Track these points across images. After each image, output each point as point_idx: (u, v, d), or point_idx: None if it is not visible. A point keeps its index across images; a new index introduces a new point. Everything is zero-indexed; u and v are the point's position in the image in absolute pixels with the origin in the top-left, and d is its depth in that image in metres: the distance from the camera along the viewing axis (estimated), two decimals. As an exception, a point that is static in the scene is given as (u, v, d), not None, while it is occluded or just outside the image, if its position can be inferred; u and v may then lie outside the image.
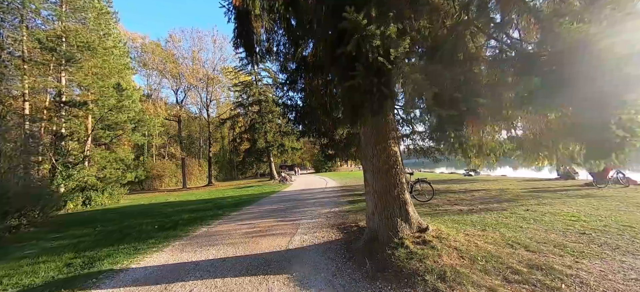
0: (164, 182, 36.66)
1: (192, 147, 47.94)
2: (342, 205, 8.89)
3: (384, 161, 4.25)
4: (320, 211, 8.18)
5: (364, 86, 2.39)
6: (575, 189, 9.74)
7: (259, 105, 32.00)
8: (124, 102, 16.14)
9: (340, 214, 7.28)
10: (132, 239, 6.33)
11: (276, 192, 16.01)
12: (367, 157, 4.44)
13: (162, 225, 7.91)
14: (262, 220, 7.37)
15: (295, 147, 32.95)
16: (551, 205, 6.69)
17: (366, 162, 4.47)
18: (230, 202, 12.43)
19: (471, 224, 5.10)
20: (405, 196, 4.19)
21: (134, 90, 19.84)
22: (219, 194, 18.21)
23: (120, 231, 7.62)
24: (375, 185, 4.23)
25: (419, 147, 13.19)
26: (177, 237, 6.14)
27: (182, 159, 32.89)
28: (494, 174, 23.97)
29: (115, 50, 18.00)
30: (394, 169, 4.24)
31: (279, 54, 6.31)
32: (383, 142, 4.32)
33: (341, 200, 10.06)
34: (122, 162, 17.69)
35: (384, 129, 4.38)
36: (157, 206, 14.06)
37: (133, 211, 12.38)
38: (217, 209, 10.29)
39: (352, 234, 5.04)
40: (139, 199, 19.64)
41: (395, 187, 4.17)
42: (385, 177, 4.19)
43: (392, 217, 4.03)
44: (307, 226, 6.22)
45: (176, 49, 32.86)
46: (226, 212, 9.38)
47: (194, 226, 7.23)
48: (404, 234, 3.92)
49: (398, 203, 4.11)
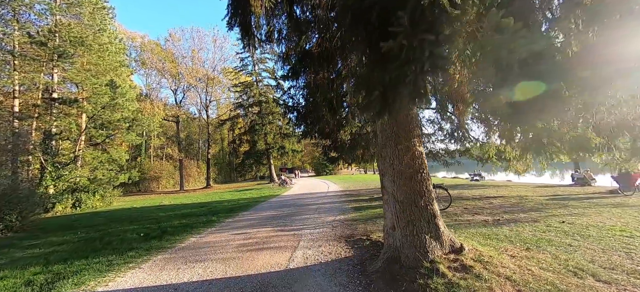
0: (161, 184, 35.89)
1: (191, 148, 47.21)
2: (348, 212, 8.10)
3: (408, 163, 3.48)
4: (324, 218, 7.39)
5: (406, 53, 1.65)
6: (600, 197, 8.94)
7: (259, 106, 31.29)
8: (117, 100, 15.41)
9: (347, 224, 6.49)
10: (111, 251, 5.54)
11: (276, 196, 15.21)
12: (385, 159, 3.67)
13: (148, 233, 7.12)
14: (260, 229, 6.58)
15: (296, 150, 32.17)
16: (586, 216, 5.90)
17: (384, 165, 3.69)
18: (227, 206, 11.63)
19: (507, 239, 4.30)
20: (434, 207, 3.41)
21: (129, 89, 19.14)
22: (215, 197, 17.42)
23: (101, 239, 6.83)
24: (397, 193, 3.45)
25: (428, 149, 12.46)
26: (161, 249, 5.35)
27: (180, 161, 32.12)
28: (498, 179, 23.18)
29: (111, 46, 17.32)
30: (419, 174, 3.46)
31: (281, 41, 5.56)
32: (406, 141, 3.55)
33: (346, 206, 9.27)
34: (115, 162, 16.92)
35: (406, 125, 3.61)
36: (149, 209, 13.28)
37: (122, 215, 11.59)
38: (211, 214, 9.49)
39: (364, 251, 4.25)
40: (133, 202, 18.85)
41: (422, 196, 3.39)
42: (409, 184, 3.41)
43: (419, 234, 3.24)
44: (310, 237, 5.42)
45: (176, 47, 32.29)
46: (220, 218, 8.58)
47: (182, 235, 6.44)
48: (435, 256, 3.13)
49: (426, 216, 3.32)
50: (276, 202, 12.15)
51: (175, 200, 18.10)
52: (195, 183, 40.51)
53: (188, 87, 33.65)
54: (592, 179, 13.61)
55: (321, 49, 5.91)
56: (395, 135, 3.58)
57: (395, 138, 3.57)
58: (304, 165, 55.69)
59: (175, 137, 35.74)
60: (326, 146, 13.18)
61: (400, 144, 3.55)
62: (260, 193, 17.66)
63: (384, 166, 3.72)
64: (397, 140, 3.56)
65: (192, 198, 18.76)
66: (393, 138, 3.59)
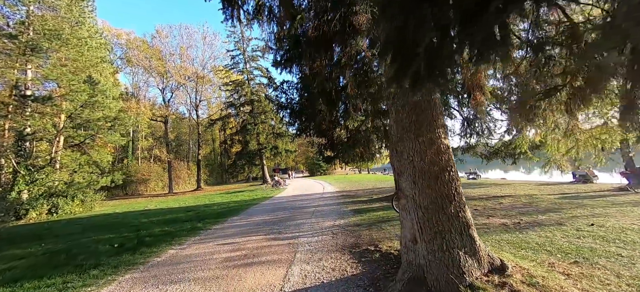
0: (149, 187, 34.53)
1: (181, 149, 45.84)
2: (348, 216, 7.39)
3: (433, 160, 2.79)
4: (322, 223, 6.66)
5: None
6: (612, 194, 8.49)
7: (251, 105, 30.34)
8: (97, 97, 14.33)
9: (349, 230, 5.77)
10: (73, 268, 4.70)
11: (269, 198, 14.41)
12: (402, 155, 2.97)
13: (123, 244, 6.27)
14: (250, 237, 5.81)
15: (289, 150, 31.36)
16: (612, 217, 5.35)
17: (401, 163, 2.98)
18: (215, 211, 10.79)
19: (542, 249, 3.66)
20: (467, 215, 2.72)
21: (112, 86, 18.03)
22: (205, 200, 16.49)
23: (67, 252, 5.96)
24: (419, 197, 2.75)
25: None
26: (132, 265, 4.53)
27: (169, 162, 30.90)
28: (493, 177, 22.87)
29: (91, 41, 16.19)
30: (447, 173, 2.77)
31: (272, 20, 4.81)
32: (429, 132, 2.86)
33: (345, 209, 8.56)
34: (96, 165, 15.82)
35: (429, 112, 2.92)
36: (131, 215, 12.31)
37: (101, 222, 10.63)
38: (197, 220, 8.66)
39: (375, 266, 3.54)
40: (117, 206, 17.74)
41: (451, 201, 2.69)
42: (434, 185, 2.72)
43: (451, 249, 2.55)
44: (308, 247, 4.69)
45: (163, 45, 31.05)
46: (207, 224, 7.76)
47: (161, 246, 5.62)
48: (474, 278, 2.44)
49: (457, 225, 2.63)
50: (269, 205, 11.37)
51: (162, 204, 17.09)
52: (185, 185, 39.20)
53: (177, 86, 32.43)
54: (594, 176, 13.29)
55: (318, 33, 5.18)
56: (415, 126, 2.88)
57: (416, 129, 2.88)
58: (297, 165, 54.89)
59: (163, 138, 34.44)
60: (322, 145, 12.46)
61: (421, 136, 2.85)
62: (252, 195, 16.81)
63: (400, 163, 3.01)
64: (418, 131, 2.87)
65: (180, 201, 17.78)
66: (413, 129, 2.89)
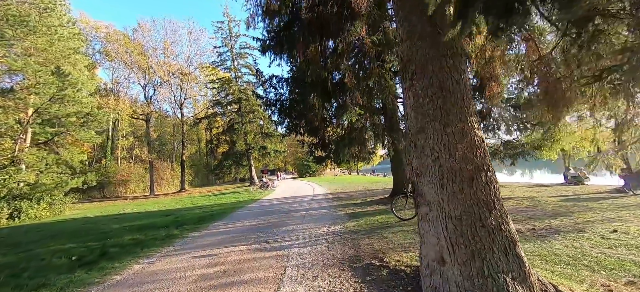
0: (129, 188, 32.81)
1: (164, 149, 44.05)
2: (342, 221, 6.74)
3: (465, 156, 2.17)
4: (315, 230, 5.98)
5: None
6: (612, 196, 8.25)
7: (238, 104, 29.29)
8: (67, 91, 13.10)
9: (346, 238, 5.12)
10: (11, 289, 3.82)
11: (256, 200, 13.59)
12: (424, 151, 2.33)
13: (82, 256, 5.39)
14: (233, 247, 5.05)
15: (278, 150, 30.48)
16: (629, 221, 4.94)
17: (422, 160, 2.35)
18: (197, 215, 9.90)
19: (579, 264, 3.11)
20: (511, 228, 2.11)
21: (86, 80, 16.69)
22: (187, 203, 15.48)
23: (14, 266, 5.04)
24: (448, 204, 2.12)
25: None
26: (84, 286, 3.70)
27: (150, 163, 29.39)
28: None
29: (62, 30, 14.90)
30: (484, 174, 2.16)
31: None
32: (460, 121, 2.24)
33: (338, 213, 7.91)
34: (66, 165, 14.52)
35: (459, 95, 2.31)
36: (104, 219, 11.23)
37: (67, 229, 9.54)
38: (175, 226, 7.78)
39: (383, 288, 2.88)
40: (90, 210, 16.43)
41: (491, 209, 2.08)
42: (468, 189, 2.10)
43: (495, 274, 1.92)
44: (300, 261, 4.00)
45: (145, 39, 29.58)
46: (185, 231, 6.93)
47: (125, 260, 4.78)
48: (529, 315, 1.83)
49: (500, 243, 2.01)
50: (256, 208, 10.57)
51: (140, 207, 15.93)
52: (168, 187, 37.57)
53: (160, 82, 30.97)
54: (586, 177, 13.23)
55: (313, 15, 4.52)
56: (442, 112, 2.26)
57: (443, 116, 2.25)
58: (286, 166, 53.96)
59: (145, 137, 32.81)
60: (313, 144, 11.79)
61: (450, 125, 2.22)
62: (238, 197, 15.92)
63: (420, 161, 2.37)
64: (446, 119, 2.24)
65: (160, 204, 16.66)
66: (439, 117, 2.26)
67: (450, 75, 2.27)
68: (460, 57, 2.34)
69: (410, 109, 2.52)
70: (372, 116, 6.78)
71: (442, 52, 2.29)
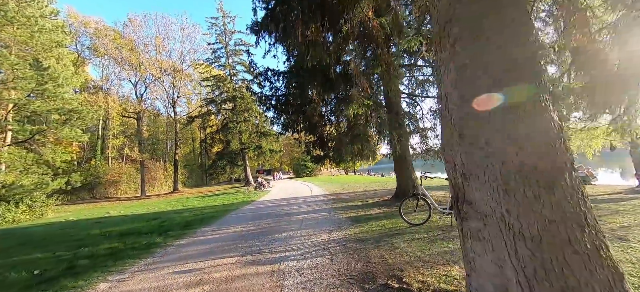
0: (120, 189, 31.81)
1: (157, 149, 42.96)
2: (345, 226, 6.08)
3: (540, 149, 1.52)
4: (315, 237, 5.31)
5: None
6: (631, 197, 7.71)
7: (233, 102, 28.51)
8: (47, 86, 12.23)
9: (352, 247, 4.45)
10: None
11: (250, 202, 12.87)
12: (476, 142, 1.67)
13: (46, 269, 4.66)
14: (221, 259, 4.36)
15: (274, 149, 29.77)
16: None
17: (471, 154, 1.69)
18: (186, 218, 9.17)
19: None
20: (612, 255, 1.46)
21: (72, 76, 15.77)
22: (178, 205, 14.70)
23: (-42, 285, 4.27)
24: (516, 218, 1.47)
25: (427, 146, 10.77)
26: (30, 315, 2.99)
27: (141, 162, 28.43)
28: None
29: (43, 21, 14.00)
30: (567, 174, 1.51)
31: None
32: (531, 101, 1.59)
33: (339, 216, 7.24)
34: (47, 165, 13.64)
35: (527, 65, 1.65)
36: (86, 224, 10.42)
37: (41, 234, 8.75)
38: (159, 232, 7.05)
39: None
40: (75, 212, 15.53)
41: (583, 227, 1.43)
42: (547, 197, 1.45)
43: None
44: (299, 279, 3.33)
45: (136, 34, 28.59)
46: (170, 238, 6.21)
47: (92, 278, 4.05)
48: None
49: (602, 277, 1.36)
50: (250, 211, 9.86)
51: (128, 209, 15.10)
52: (161, 187, 36.60)
53: (152, 79, 30.01)
54: (593, 177, 12.79)
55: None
56: (504, 89, 1.60)
57: (507, 94, 1.59)
58: (282, 166, 53.20)
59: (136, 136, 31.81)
60: (311, 143, 11.09)
61: (518, 107, 1.57)
62: (232, 199, 15.18)
63: (469, 157, 1.71)
64: (512, 98, 1.58)
65: (150, 206, 15.84)
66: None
67: (516, 35, 1.62)
68: (528, 12, 1.69)
69: (451, 88, 1.86)
70: (378, 110, 6.13)
71: (504, 2, 1.63)
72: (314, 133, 9.59)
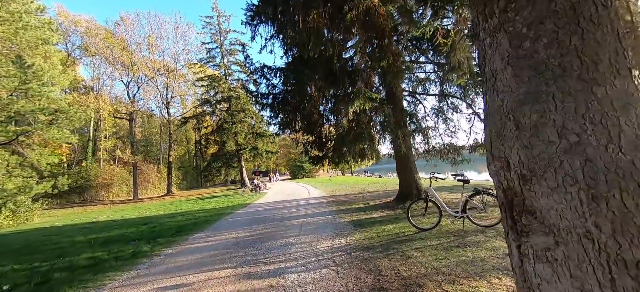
0: (112, 192, 31.01)
1: (151, 150, 42.12)
2: (348, 231, 5.66)
3: (634, 141, 1.11)
4: (317, 244, 4.88)
5: None
6: None
7: (228, 102, 27.97)
8: (31, 84, 11.64)
9: (358, 256, 4.04)
10: None
11: (246, 205, 12.39)
12: (542, 132, 1.26)
13: (19, 283, 4.19)
14: (212, 272, 3.91)
15: (270, 151, 29.25)
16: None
17: (535, 148, 1.28)
18: (178, 223, 8.67)
19: None
20: None
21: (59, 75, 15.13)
22: (171, 209, 14.14)
23: None
24: (610, 236, 1.06)
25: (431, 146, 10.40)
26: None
27: (133, 165, 27.72)
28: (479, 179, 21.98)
29: (28, 17, 13.38)
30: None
31: None
32: (617, 76, 1.18)
33: (341, 220, 6.82)
34: (32, 168, 13.00)
35: (608, 31, 1.25)
36: (70, 230, 9.85)
37: (21, 242, 8.19)
38: (147, 239, 6.55)
39: None
40: (63, 217, 14.88)
41: None
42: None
43: None
44: (302, 296, 2.90)
45: (128, 33, 27.92)
46: (157, 247, 5.73)
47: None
48: None
49: None
50: (245, 215, 9.40)
51: (119, 213, 14.50)
52: (154, 190, 35.85)
53: (144, 79, 29.33)
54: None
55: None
56: (582, 61, 1.20)
57: (585, 68, 1.19)
58: (279, 167, 52.65)
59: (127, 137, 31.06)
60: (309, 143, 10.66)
61: (602, 84, 1.17)
62: (227, 202, 14.67)
63: (532, 151, 1.30)
64: (592, 72, 1.18)
65: (141, 210, 15.25)
66: (575, 70, 1.20)
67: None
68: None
69: (502, 64, 1.45)
70: (383, 106, 5.72)
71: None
72: (312, 133, 9.19)
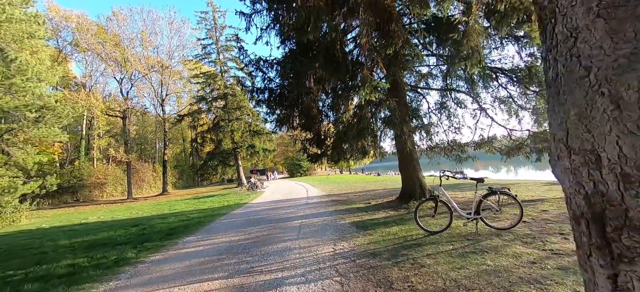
0: (106, 192, 30.39)
1: (146, 149, 41.45)
2: (351, 234, 5.26)
3: None
4: (317, 249, 4.47)
5: None
6: None
7: (224, 100, 27.42)
8: (14, 80, 11.07)
9: (364, 264, 3.63)
10: None
11: (242, 205, 11.96)
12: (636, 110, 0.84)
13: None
14: (200, 283, 3.49)
15: (268, 149, 28.79)
16: None
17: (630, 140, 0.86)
18: (169, 225, 8.22)
19: None
20: None
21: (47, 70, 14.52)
22: (164, 209, 13.67)
23: None
24: None
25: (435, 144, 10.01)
26: None
27: (127, 163, 27.13)
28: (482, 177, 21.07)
29: (11, 8, 12.76)
30: None
31: None
32: None
33: (342, 221, 6.41)
34: (17, 167, 12.45)
35: None
36: (55, 232, 9.36)
37: (5, 246, 7.69)
38: (134, 244, 6.10)
39: None
40: (51, 218, 14.35)
41: None
42: None
43: None
44: (302, 315, 2.48)
45: (121, 29, 27.21)
46: (144, 252, 5.28)
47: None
48: None
49: None
50: (241, 215, 8.97)
51: (110, 214, 14.00)
52: (150, 189, 35.24)
53: (138, 76, 28.67)
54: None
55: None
56: None
57: None
58: (276, 166, 52.18)
59: (121, 135, 30.40)
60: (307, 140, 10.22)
61: None
62: (222, 201, 14.22)
63: (637, 144, 0.89)
64: None
65: (134, 210, 14.75)
66: None
67: None
68: None
69: (589, 16, 1.01)
70: (388, 98, 5.29)
71: None
72: (310, 129, 8.78)
